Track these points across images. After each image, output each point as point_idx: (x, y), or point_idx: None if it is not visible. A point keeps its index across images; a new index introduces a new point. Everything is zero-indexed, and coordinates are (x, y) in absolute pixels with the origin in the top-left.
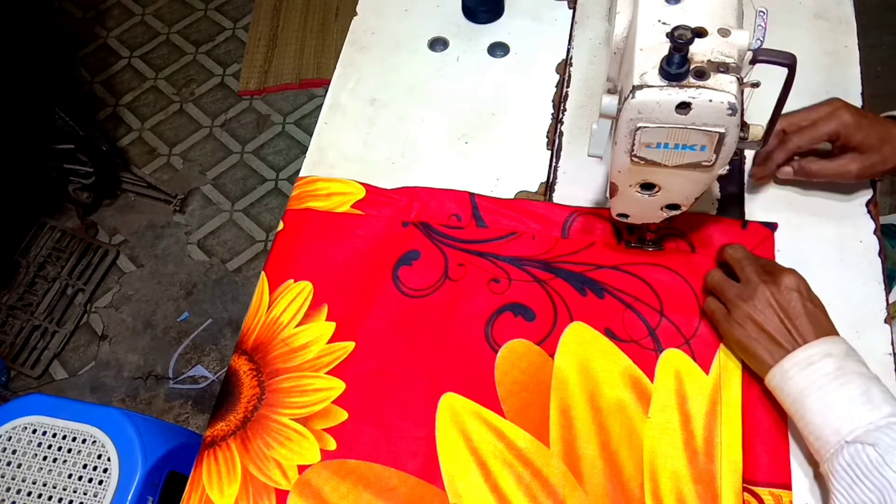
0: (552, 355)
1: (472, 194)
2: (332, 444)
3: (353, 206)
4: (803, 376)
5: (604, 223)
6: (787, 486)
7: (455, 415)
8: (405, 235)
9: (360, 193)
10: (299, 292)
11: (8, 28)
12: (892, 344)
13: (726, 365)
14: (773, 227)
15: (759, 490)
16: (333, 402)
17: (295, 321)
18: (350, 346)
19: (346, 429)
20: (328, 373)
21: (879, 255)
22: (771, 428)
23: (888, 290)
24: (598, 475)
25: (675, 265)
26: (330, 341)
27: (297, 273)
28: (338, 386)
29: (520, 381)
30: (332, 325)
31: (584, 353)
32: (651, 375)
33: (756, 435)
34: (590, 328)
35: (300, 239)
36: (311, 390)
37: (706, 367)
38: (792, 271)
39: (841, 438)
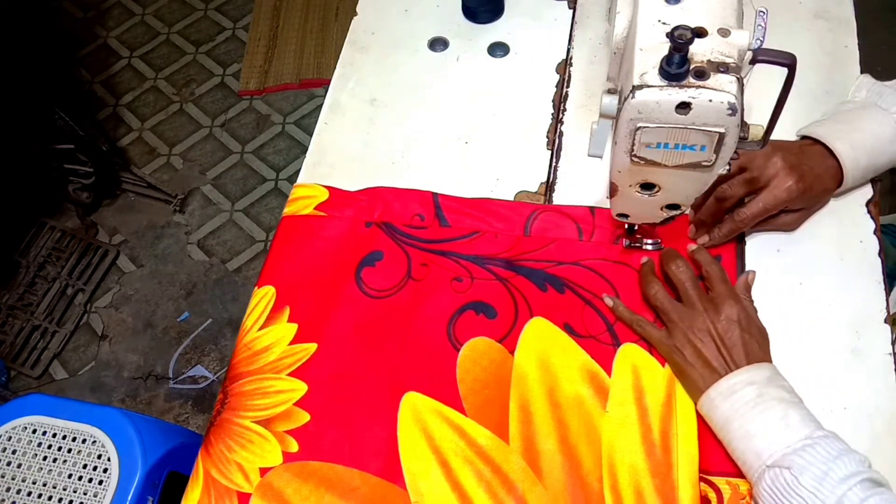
0: (513, 352)
1: (434, 194)
2: (293, 447)
3: (316, 209)
4: (727, 405)
5: (565, 219)
6: (743, 475)
7: (416, 414)
8: (368, 236)
9: (324, 196)
10: (262, 297)
11: (8, 28)
12: (893, 344)
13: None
14: None
15: (715, 479)
16: (295, 403)
17: (258, 325)
18: (312, 347)
19: (308, 430)
20: (290, 374)
21: (879, 255)
22: None
23: (888, 290)
24: (558, 470)
25: (634, 261)
26: (292, 343)
27: (261, 279)
28: (300, 388)
29: (481, 379)
30: (293, 327)
31: (544, 348)
32: (609, 370)
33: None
34: (549, 323)
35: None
36: (273, 392)
37: (663, 360)
38: (735, 300)
39: (762, 463)
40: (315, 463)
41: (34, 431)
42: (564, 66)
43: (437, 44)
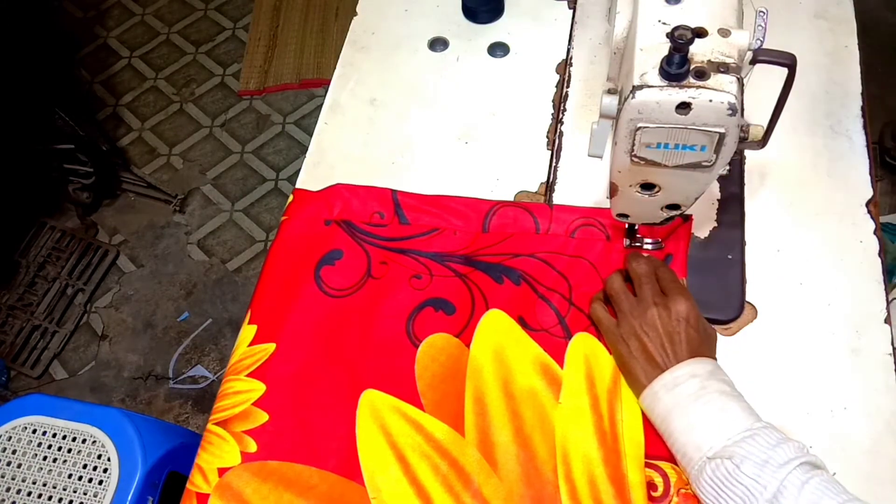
0: (468, 345)
1: (393, 191)
2: (252, 447)
3: (285, 212)
4: (670, 397)
5: (522, 213)
6: None
7: (375, 411)
8: (327, 234)
9: (289, 199)
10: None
11: (8, 28)
12: (892, 344)
13: None
14: (686, 217)
15: (661, 464)
16: (253, 403)
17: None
18: (271, 347)
19: (266, 430)
20: (249, 375)
21: (879, 255)
22: None
23: (888, 290)
24: (512, 461)
25: (586, 253)
26: (251, 343)
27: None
28: (258, 388)
29: (439, 374)
30: (253, 328)
31: (499, 340)
32: (561, 362)
33: None
34: (505, 315)
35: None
36: (232, 393)
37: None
38: (686, 298)
39: (702, 455)
40: (274, 462)
41: (34, 431)
42: (564, 66)
43: (437, 44)
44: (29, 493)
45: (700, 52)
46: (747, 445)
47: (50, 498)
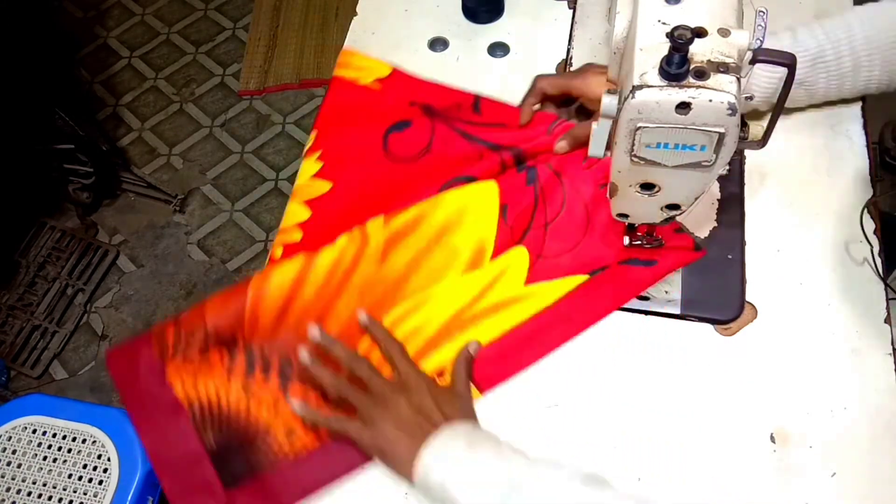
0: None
1: (477, 96)
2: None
3: (374, 81)
4: (441, 464)
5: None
6: (480, 390)
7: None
8: (406, 110)
9: (385, 71)
10: (309, 140)
11: (8, 28)
12: (892, 344)
13: (541, 293)
14: (699, 248)
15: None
16: (298, 224)
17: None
18: (328, 185)
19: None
20: (305, 202)
21: (879, 254)
22: (513, 363)
23: (888, 290)
24: (397, 267)
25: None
26: (314, 177)
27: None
28: (306, 213)
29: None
30: (319, 164)
31: (473, 203)
32: (496, 255)
33: (504, 355)
34: (496, 192)
35: (325, 100)
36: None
37: (531, 280)
38: (418, 375)
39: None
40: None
41: (34, 431)
42: (564, 66)
43: (437, 44)
44: (29, 493)
45: (700, 52)
46: (531, 478)
47: (50, 498)
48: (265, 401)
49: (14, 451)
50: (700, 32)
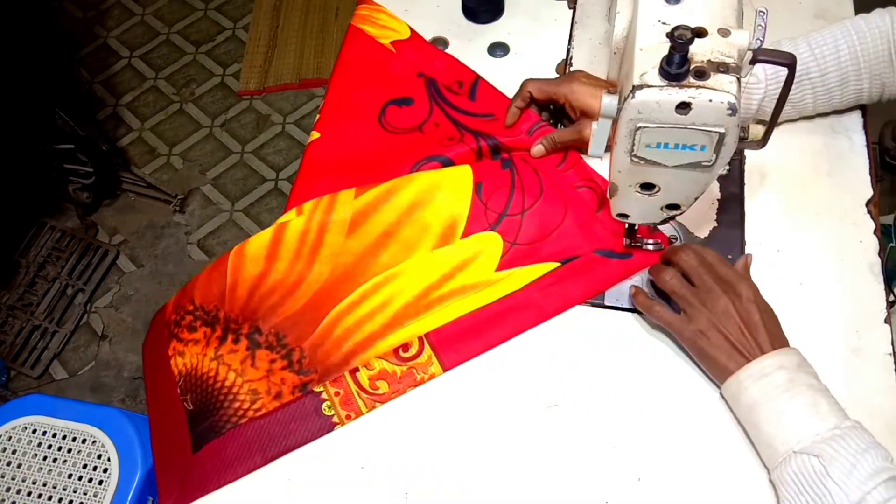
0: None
1: (478, 76)
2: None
3: (392, 43)
4: (757, 387)
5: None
6: (444, 368)
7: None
8: (413, 84)
9: (405, 34)
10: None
11: (8, 28)
12: (893, 344)
13: (510, 278)
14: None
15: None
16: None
17: None
18: (315, 135)
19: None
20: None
21: (879, 255)
22: (478, 343)
23: (888, 290)
24: (364, 240)
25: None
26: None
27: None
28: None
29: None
30: (317, 134)
31: (445, 179)
32: (467, 235)
33: (469, 334)
34: (469, 175)
35: (341, 49)
36: None
37: (502, 267)
38: (748, 281)
39: (789, 449)
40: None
41: (34, 431)
42: (564, 66)
43: (437, 44)
44: (29, 493)
45: (700, 51)
46: (836, 445)
47: (50, 498)
48: (233, 365)
49: (14, 451)
50: (700, 32)
